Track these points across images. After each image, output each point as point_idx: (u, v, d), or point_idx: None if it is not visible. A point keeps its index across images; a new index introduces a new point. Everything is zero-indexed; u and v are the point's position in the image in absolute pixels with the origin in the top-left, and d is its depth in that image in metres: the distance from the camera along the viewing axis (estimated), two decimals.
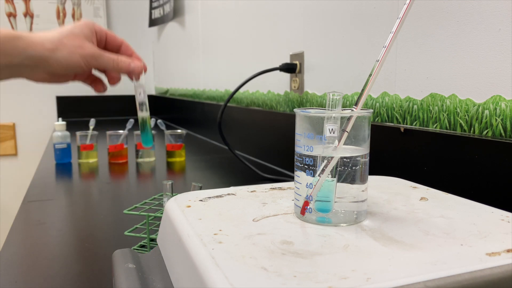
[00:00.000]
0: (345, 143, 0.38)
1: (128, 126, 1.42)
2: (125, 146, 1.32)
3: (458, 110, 0.64)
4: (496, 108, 0.58)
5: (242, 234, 0.36)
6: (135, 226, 0.66)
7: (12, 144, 2.65)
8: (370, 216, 0.40)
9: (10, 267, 0.58)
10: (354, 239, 0.35)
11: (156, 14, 2.50)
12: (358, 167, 0.39)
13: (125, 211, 0.63)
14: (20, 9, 2.60)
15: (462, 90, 0.63)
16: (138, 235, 0.64)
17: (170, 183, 0.62)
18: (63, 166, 1.26)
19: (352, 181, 0.39)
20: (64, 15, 2.69)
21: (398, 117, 0.75)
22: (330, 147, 0.38)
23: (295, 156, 0.40)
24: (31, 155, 2.65)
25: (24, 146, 2.68)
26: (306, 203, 0.39)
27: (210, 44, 1.74)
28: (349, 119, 0.38)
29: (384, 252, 0.32)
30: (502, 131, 0.57)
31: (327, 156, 0.38)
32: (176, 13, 2.18)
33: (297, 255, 0.32)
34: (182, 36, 2.13)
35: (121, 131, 1.31)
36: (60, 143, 1.30)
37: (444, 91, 0.66)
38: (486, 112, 0.59)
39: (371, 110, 0.40)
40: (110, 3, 2.81)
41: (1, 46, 0.50)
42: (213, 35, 1.71)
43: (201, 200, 0.45)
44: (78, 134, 1.31)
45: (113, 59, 0.57)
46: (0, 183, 2.63)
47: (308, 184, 0.38)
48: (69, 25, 0.56)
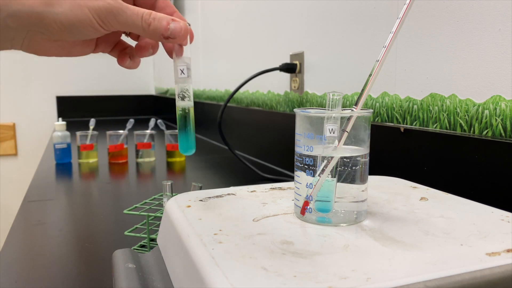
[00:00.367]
0: (345, 143, 0.38)
1: (128, 126, 1.42)
2: (125, 146, 1.32)
3: (458, 110, 0.64)
4: (496, 108, 0.58)
5: (242, 234, 0.36)
6: (135, 226, 0.66)
7: (12, 144, 2.65)
8: (370, 216, 0.40)
9: (10, 267, 0.58)
10: (354, 239, 0.35)
11: None
12: (358, 167, 0.39)
13: (125, 211, 0.63)
14: None
15: (462, 90, 0.63)
16: (138, 235, 0.64)
17: (170, 183, 0.62)
18: (63, 166, 1.26)
19: (352, 181, 0.39)
20: None
21: (398, 117, 0.75)
22: (330, 147, 0.38)
23: (295, 156, 0.40)
24: (31, 155, 2.65)
25: (24, 146, 2.68)
26: (306, 203, 0.39)
27: (210, 44, 1.74)
28: (349, 119, 0.38)
29: (384, 252, 0.32)
30: (502, 131, 0.57)
31: (327, 156, 0.38)
32: None
33: (297, 255, 0.32)
34: None
35: (121, 131, 1.31)
36: (60, 143, 1.30)
37: (444, 91, 0.66)
38: (486, 112, 0.59)
39: (371, 110, 0.40)
40: None
41: None
42: (213, 35, 1.71)
43: (201, 200, 0.45)
44: (78, 134, 1.31)
45: (141, 15, 0.37)
46: (0, 183, 2.63)
47: (308, 184, 0.38)
48: None
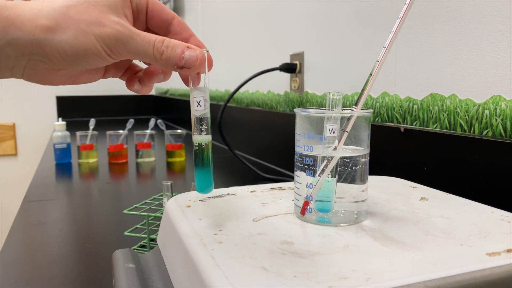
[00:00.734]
0: (345, 143, 0.38)
1: (128, 126, 1.42)
2: (125, 146, 1.32)
3: (458, 110, 0.64)
4: (496, 108, 0.58)
5: (242, 234, 0.36)
6: (135, 226, 0.66)
7: (12, 144, 2.65)
8: (370, 216, 0.40)
9: (10, 267, 0.58)
10: (354, 239, 0.35)
11: None
12: (358, 167, 0.39)
13: (125, 211, 0.63)
14: None
15: (462, 90, 0.63)
16: (138, 235, 0.64)
17: (170, 183, 0.62)
18: (63, 166, 1.26)
19: (352, 181, 0.39)
20: None
21: (398, 117, 0.75)
22: (330, 147, 0.38)
23: (295, 156, 0.40)
24: (31, 155, 2.65)
25: (24, 146, 2.68)
26: (306, 203, 0.39)
27: (210, 44, 1.75)
28: (349, 119, 0.38)
29: (384, 252, 0.32)
30: (502, 131, 0.57)
31: (327, 156, 0.38)
32: (176, 13, 2.18)
33: (297, 255, 0.32)
34: None
35: (121, 131, 1.31)
36: (60, 143, 1.30)
37: (444, 91, 0.66)
38: (486, 112, 0.59)
39: (371, 110, 0.40)
40: None
41: None
42: (213, 35, 1.71)
43: (201, 200, 0.45)
44: (78, 134, 1.31)
45: (153, 43, 0.33)
46: (0, 183, 2.63)
47: (308, 184, 0.38)
48: None
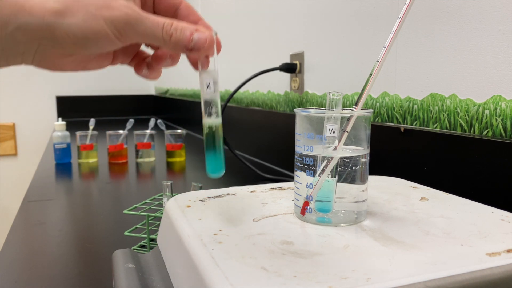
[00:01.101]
0: (345, 143, 0.38)
1: (128, 126, 1.42)
2: (125, 146, 1.32)
3: (458, 110, 0.64)
4: (496, 108, 0.58)
5: (242, 234, 0.36)
6: (135, 226, 0.66)
7: (12, 144, 2.65)
8: (370, 216, 0.40)
9: (10, 267, 0.58)
10: (354, 239, 0.35)
11: None
12: (358, 167, 0.39)
13: (125, 211, 0.63)
14: None
15: (462, 90, 0.63)
16: (138, 235, 0.64)
17: (170, 183, 0.62)
18: (63, 166, 1.26)
19: (352, 181, 0.39)
20: None
21: (398, 117, 0.75)
22: (330, 147, 0.38)
23: (295, 156, 0.40)
24: (31, 155, 2.65)
25: (24, 146, 2.68)
26: (306, 203, 0.39)
27: None
28: (349, 119, 0.38)
29: (384, 252, 0.32)
30: (502, 131, 0.57)
31: (327, 156, 0.38)
32: None
33: (297, 255, 0.32)
34: None
35: (121, 131, 1.31)
36: (60, 143, 1.30)
37: (444, 91, 0.66)
38: (486, 112, 0.59)
39: (371, 110, 0.40)
40: None
41: None
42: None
43: (201, 200, 0.45)
44: (78, 134, 1.31)
45: (162, 25, 0.33)
46: (0, 183, 2.63)
47: (308, 184, 0.38)
48: None
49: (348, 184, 0.39)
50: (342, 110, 0.39)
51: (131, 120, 1.48)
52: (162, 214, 0.47)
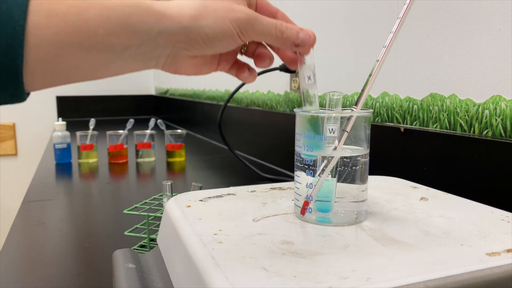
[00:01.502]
0: (345, 143, 0.38)
1: (128, 126, 1.42)
2: (125, 146, 1.32)
3: (458, 110, 0.64)
4: (496, 108, 0.58)
5: (242, 234, 0.36)
6: (135, 226, 0.66)
7: (12, 144, 2.66)
8: (370, 216, 0.40)
9: (10, 267, 0.58)
10: (354, 239, 0.35)
11: None
12: (358, 167, 0.39)
13: (125, 211, 0.63)
14: None
15: (462, 90, 0.63)
16: (138, 235, 0.64)
17: (170, 183, 0.62)
18: (63, 166, 1.26)
19: (352, 181, 0.39)
20: None
21: (398, 117, 0.75)
22: (330, 147, 0.38)
23: (295, 156, 0.40)
24: (31, 155, 2.65)
25: (24, 146, 2.68)
26: (306, 203, 0.39)
27: None
28: (349, 119, 0.38)
29: (384, 252, 0.32)
30: (502, 131, 0.57)
31: (327, 156, 0.38)
32: None
33: (297, 255, 0.32)
34: None
35: (121, 131, 1.31)
36: (60, 143, 1.30)
37: (444, 91, 0.66)
38: (486, 112, 0.59)
39: (371, 110, 0.40)
40: None
41: (119, 19, 0.34)
42: None
43: (201, 200, 0.45)
44: (78, 134, 1.31)
45: (275, 24, 0.39)
46: (0, 183, 2.63)
47: (308, 184, 0.38)
48: None
49: (348, 184, 0.39)
50: (342, 110, 0.39)
51: (131, 120, 1.48)
52: (162, 214, 0.47)
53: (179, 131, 1.34)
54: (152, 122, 1.40)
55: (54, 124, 1.72)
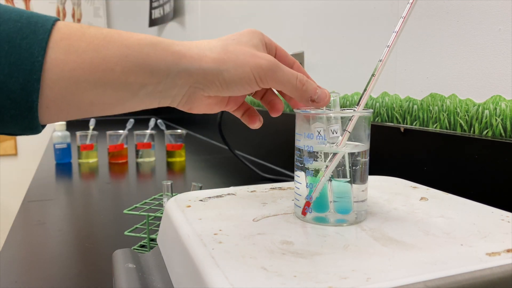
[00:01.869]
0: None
1: (128, 126, 1.42)
2: (125, 146, 1.32)
3: (458, 110, 0.64)
4: (496, 108, 0.58)
5: (242, 234, 0.36)
6: (135, 226, 0.66)
7: (12, 144, 2.66)
8: (370, 216, 0.40)
9: (10, 267, 0.58)
10: (354, 239, 0.35)
11: (156, 14, 2.50)
12: (358, 167, 0.39)
13: (125, 211, 0.63)
14: None
15: (462, 90, 0.63)
16: (138, 235, 0.64)
17: (170, 183, 0.62)
18: (63, 166, 1.26)
19: (352, 181, 0.39)
20: (64, 15, 2.70)
21: (398, 117, 0.75)
22: (332, 146, 0.38)
23: (295, 156, 0.40)
24: (31, 155, 2.65)
25: (24, 146, 2.68)
26: (308, 204, 0.39)
27: None
28: (350, 119, 0.38)
29: (384, 252, 0.32)
30: (502, 131, 0.57)
31: (330, 153, 0.38)
32: (176, 13, 2.18)
33: (297, 255, 0.32)
34: (182, 36, 2.13)
35: (121, 131, 1.31)
36: (60, 143, 1.30)
37: (444, 91, 0.66)
38: (486, 112, 0.59)
39: (371, 110, 0.40)
40: (110, 3, 2.81)
41: (137, 58, 0.34)
42: (213, 35, 1.71)
43: (201, 200, 0.45)
44: (78, 134, 1.31)
45: (296, 76, 0.39)
46: (0, 183, 2.63)
47: (308, 184, 0.38)
48: (228, 35, 0.40)
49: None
50: (342, 110, 0.39)
51: (131, 120, 1.48)
52: (162, 214, 0.47)
53: (179, 131, 1.34)
54: (152, 122, 1.40)
55: (54, 124, 1.72)
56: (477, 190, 0.58)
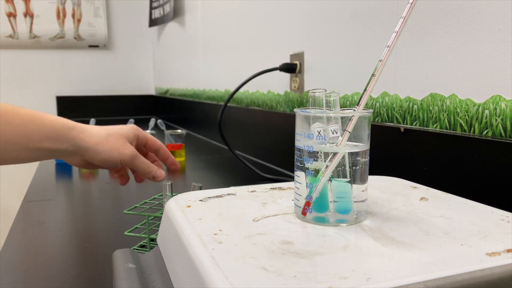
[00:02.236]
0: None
1: None
2: None
3: (458, 110, 0.64)
4: (496, 108, 0.58)
5: (242, 234, 0.36)
6: (135, 226, 0.66)
7: None
8: (370, 216, 0.40)
9: (10, 267, 0.58)
10: (354, 239, 0.35)
11: (156, 14, 2.50)
12: (358, 167, 0.39)
13: (125, 211, 0.63)
14: (20, 9, 2.60)
15: (462, 90, 0.63)
16: (138, 235, 0.64)
17: (170, 183, 0.62)
18: (63, 166, 1.26)
19: (352, 181, 0.39)
20: (64, 15, 2.70)
21: (398, 117, 0.75)
22: (332, 146, 0.38)
23: (295, 156, 0.40)
24: None
25: None
26: (308, 204, 0.39)
27: (210, 44, 1.75)
28: (350, 119, 0.38)
29: (384, 252, 0.32)
30: (502, 131, 0.57)
31: (330, 152, 0.38)
32: (176, 13, 2.18)
33: (297, 255, 0.32)
34: (182, 36, 2.13)
35: None
36: None
37: (444, 91, 0.66)
38: (486, 112, 0.59)
39: (371, 110, 0.40)
40: (110, 3, 2.81)
41: (57, 133, 0.55)
42: (213, 35, 1.71)
43: (201, 200, 0.45)
44: None
45: (146, 163, 0.62)
46: (0, 183, 2.63)
47: (308, 184, 0.38)
48: (117, 126, 0.61)
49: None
50: (342, 110, 0.39)
51: (131, 120, 1.48)
52: (162, 214, 0.47)
53: (179, 131, 1.34)
54: (152, 122, 1.40)
55: None
56: (477, 190, 0.58)
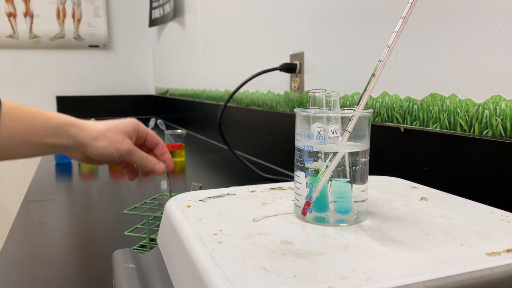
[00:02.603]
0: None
1: None
2: None
3: (458, 110, 0.64)
4: (496, 108, 0.58)
5: (242, 234, 0.36)
6: (135, 226, 0.66)
7: None
8: (370, 216, 0.40)
9: (10, 267, 0.58)
10: (354, 239, 0.35)
11: (156, 14, 2.50)
12: (358, 167, 0.39)
13: (125, 211, 0.63)
14: (20, 9, 2.60)
15: (462, 90, 0.63)
16: (138, 235, 0.64)
17: (166, 173, 0.64)
18: (63, 166, 1.26)
19: (352, 181, 0.39)
20: (64, 15, 2.69)
21: (398, 117, 0.75)
22: (332, 147, 0.38)
23: (295, 156, 0.40)
24: None
25: None
26: (308, 204, 0.39)
27: (210, 44, 1.75)
28: (350, 119, 0.38)
29: (384, 252, 0.32)
30: (502, 131, 0.57)
31: (329, 151, 0.38)
32: (176, 13, 2.18)
33: (297, 255, 0.32)
34: (182, 36, 2.13)
35: None
36: None
37: (444, 91, 0.66)
38: (486, 112, 0.59)
39: (371, 110, 0.40)
40: (110, 3, 2.81)
41: (58, 129, 0.56)
42: (213, 35, 1.71)
43: (201, 200, 0.45)
44: None
45: (143, 157, 0.62)
46: (0, 183, 2.63)
47: (308, 184, 0.38)
48: (117, 120, 0.62)
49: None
50: (342, 110, 0.39)
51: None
52: (162, 214, 0.47)
53: (179, 131, 1.34)
54: (152, 122, 1.40)
55: None
56: (477, 190, 0.58)
